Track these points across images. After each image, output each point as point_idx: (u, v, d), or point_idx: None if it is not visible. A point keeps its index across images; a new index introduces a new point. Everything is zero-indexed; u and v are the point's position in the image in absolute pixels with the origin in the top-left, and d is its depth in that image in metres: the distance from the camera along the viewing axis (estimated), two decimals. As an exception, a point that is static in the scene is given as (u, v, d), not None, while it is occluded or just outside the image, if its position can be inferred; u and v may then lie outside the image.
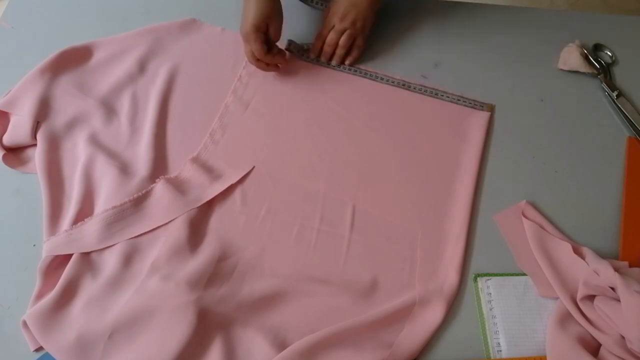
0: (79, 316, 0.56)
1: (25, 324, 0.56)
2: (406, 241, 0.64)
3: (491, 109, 0.75)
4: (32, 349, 0.55)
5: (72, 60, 0.75)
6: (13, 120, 0.70)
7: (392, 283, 0.62)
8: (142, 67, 0.76)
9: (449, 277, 0.62)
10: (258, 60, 0.72)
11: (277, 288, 0.60)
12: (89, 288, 0.58)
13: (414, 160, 0.71)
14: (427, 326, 0.58)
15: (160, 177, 0.66)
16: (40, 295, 0.58)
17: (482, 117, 0.74)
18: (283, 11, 0.72)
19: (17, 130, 0.69)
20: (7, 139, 0.68)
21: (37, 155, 0.67)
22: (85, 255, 0.60)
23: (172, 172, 0.68)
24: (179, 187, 0.65)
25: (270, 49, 0.72)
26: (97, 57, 0.77)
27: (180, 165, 0.69)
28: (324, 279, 0.61)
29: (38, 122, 0.69)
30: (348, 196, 0.67)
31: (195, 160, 0.69)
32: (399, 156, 0.71)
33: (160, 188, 0.65)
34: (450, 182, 0.69)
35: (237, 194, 0.67)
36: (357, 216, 0.66)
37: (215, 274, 0.60)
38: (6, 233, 0.63)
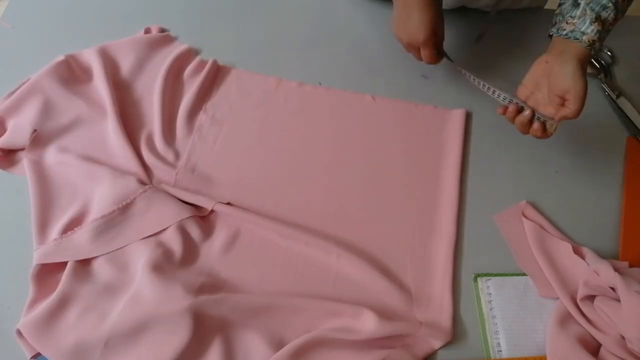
0: (75, 324, 0.55)
1: (19, 332, 0.55)
2: (396, 272, 0.63)
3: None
4: (29, 356, 0.55)
5: (69, 69, 0.74)
6: (12, 123, 0.69)
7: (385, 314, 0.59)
8: (133, 76, 0.76)
9: (445, 299, 0.61)
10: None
11: (268, 299, 0.59)
12: (84, 295, 0.57)
13: (394, 187, 0.69)
14: (424, 348, 0.57)
15: (149, 185, 0.65)
16: (33, 303, 0.57)
17: (457, 116, 0.74)
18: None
19: (16, 134, 0.68)
20: (3, 142, 0.68)
21: (26, 162, 0.66)
22: (78, 263, 0.59)
23: (162, 181, 0.67)
24: (168, 196, 0.65)
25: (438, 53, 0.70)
26: (91, 65, 0.75)
27: (171, 174, 0.68)
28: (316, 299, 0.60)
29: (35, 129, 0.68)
30: (331, 244, 0.64)
31: (186, 169, 0.69)
32: (380, 184, 0.69)
33: (149, 196, 0.64)
34: (433, 211, 0.67)
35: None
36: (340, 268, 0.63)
37: (211, 279, 0.60)
38: (6, 233, 0.63)
